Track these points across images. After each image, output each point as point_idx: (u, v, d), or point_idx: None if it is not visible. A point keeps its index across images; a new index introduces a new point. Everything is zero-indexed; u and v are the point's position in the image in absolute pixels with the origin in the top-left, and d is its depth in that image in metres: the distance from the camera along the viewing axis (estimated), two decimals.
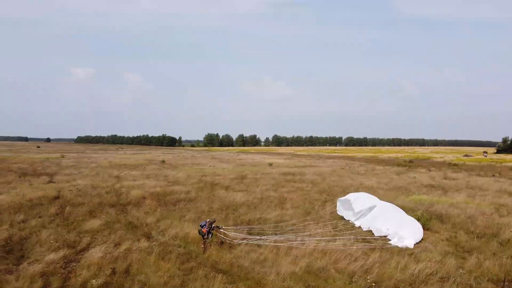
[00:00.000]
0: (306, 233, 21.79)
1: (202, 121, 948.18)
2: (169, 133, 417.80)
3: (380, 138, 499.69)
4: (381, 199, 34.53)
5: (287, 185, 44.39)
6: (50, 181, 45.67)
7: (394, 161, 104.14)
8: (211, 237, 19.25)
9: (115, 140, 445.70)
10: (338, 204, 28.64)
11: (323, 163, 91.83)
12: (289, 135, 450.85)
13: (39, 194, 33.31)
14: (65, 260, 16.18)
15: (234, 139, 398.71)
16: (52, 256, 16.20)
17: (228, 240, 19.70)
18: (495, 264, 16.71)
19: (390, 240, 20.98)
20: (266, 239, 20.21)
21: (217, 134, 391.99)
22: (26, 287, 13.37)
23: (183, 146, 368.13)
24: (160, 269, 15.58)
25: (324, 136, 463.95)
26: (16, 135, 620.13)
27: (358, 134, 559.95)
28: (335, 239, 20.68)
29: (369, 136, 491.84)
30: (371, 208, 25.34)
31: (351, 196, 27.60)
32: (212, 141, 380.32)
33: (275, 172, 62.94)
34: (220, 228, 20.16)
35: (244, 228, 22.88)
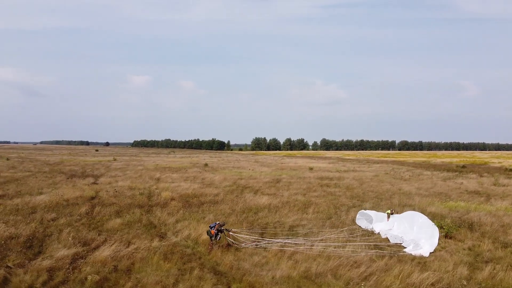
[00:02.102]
0: (318, 238, 21.31)
1: (251, 125, 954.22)
2: (219, 137, 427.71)
3: (436, 142, 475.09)
4: (415, 204, 33.14)
5: (319, 190, 43.64)
6: (93, 183, 48.55)
7: (446, 166, 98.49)
8: (219, 239, 19.45)
9: (168, 144, 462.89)
10: (358, 215, 27.18)
11: (368, 168, 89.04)
12: (338, 139, 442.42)
13: (77, 194, 35.53)
14: (75, 257, 17.14)
15: (282, 143, 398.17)
16: (64, 253, 17.25)
17: (236, 243, 19.77)
18: (510, 276, 15.31)
19: (405, 247, 19.99)
20: (274, 243, 20.04)
21: (265, 138, 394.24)
22: (32, 280, 14.33)
23: (232, 150, 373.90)
24: (160, 269, 16.02)
25: (375, 140, 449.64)
26: (79, 140, 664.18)
27: (413, 138, 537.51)
28: (345, 244, 20.03)
29: (424, 140, 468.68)
30: (389, 215, 24.44)
31: (372, 213, 26.23)
32: (259, 145, 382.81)
33: (312, 176, 62.10)
34: (229, 231, 20.32)
35: (257, 231, 22.87)
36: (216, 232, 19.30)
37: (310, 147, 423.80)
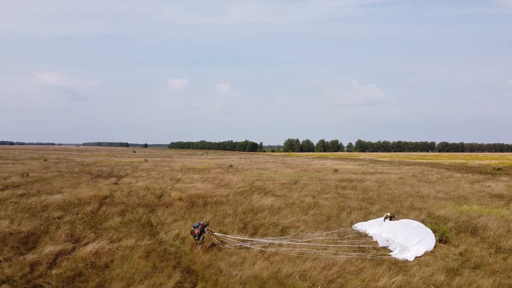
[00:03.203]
0: (304, 239, 21.13)
1: (284, 127, 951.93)
2: (253, 139, 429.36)
3: (479, 143, 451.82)
4: (425, 207, 31.98)
5: (332, 192, 43.03)
6: (115, 183, 50.39)
7: (481, 169, 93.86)
8: (202, 239, 19.75)
9: (203, 146, 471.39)
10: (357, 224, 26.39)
11: (397, 170, 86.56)
12: (375, 140, 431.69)
13: (92, 193, 37.05)
14: (61, 253, 17.97)
15: (315, 144, 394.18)
16: (51, 249, 18.15)
17: (219, 243, 20.00)
18: (489, 284, 14.54)
19: (392, 251, 19.45)
20: (257, 244, 20.09)
21: (297, 139, 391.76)
22: (12, 273, 15.24)
23: (264, 151, 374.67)
24: (136, 266, 16.53)
25: (414, 141, 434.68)
26: (119, 141, 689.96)
27: (454, 139, 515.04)
28: (329, 246, 19.76)
29: (466, 141, 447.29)
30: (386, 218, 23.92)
31: (369, 222, 25.59)
32: (292, 146, 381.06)
33: (333, 178, 61.25)
34: (212, 232, 20.57)
35: (248, 232, 22.98)
36: (199, 232, 19.62)
37: (345, 148, 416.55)
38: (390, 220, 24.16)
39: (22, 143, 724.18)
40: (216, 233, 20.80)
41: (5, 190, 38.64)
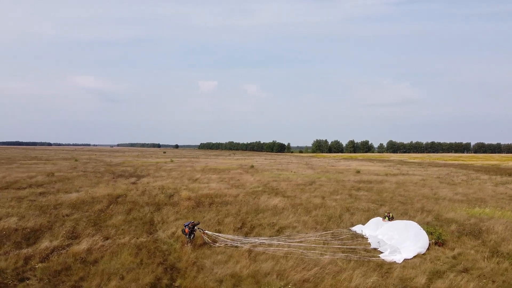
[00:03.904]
0: (297, 240, 21.07)
1: (313, 127, 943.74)
2: (281, 140, 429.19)
3: None
4: (435, 210, 31.10)
5: (345, 193, 42.50)
6: (133, 182, 51.83)
7: None
8: (193, 237, 20.10)
9: (231, 147, 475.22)
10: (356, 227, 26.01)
11: (424, 172, 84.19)
12: (407, 140, 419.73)
13: (106, 192, 38.35)
14: (56, 248, 18.83)
15: (344, 145, 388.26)
16: (46, 244, 19.06)
17: (211, 242, 20.30)
18: (469, 287, 14.06)
19: (382, 252, 19.15)
20: (246, 243, 20.25)
21: (326, 140, 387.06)
22: (6, 266, 16.18)
23: (292, 152, 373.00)
24: (123, 262, 17.13)
25: (448, 142, 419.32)
26: (151, 142, 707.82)
27: (491, 140, 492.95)
28: (317, 246, 19.69)
29: (504, 142, 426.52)
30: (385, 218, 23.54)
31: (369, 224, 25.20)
32: (320, 147, 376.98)
33: (352, 180, 60.37)
34: (203, 231, 20.89)
35: (244, 231, 23.16)
36: (189, 230, 19.98)
37: (376, 149, 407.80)
38: (389, 220, 23.68)
39: (59, 144, 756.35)
40: (207, 232, 21.10)
41: (26, 189, 40.63)
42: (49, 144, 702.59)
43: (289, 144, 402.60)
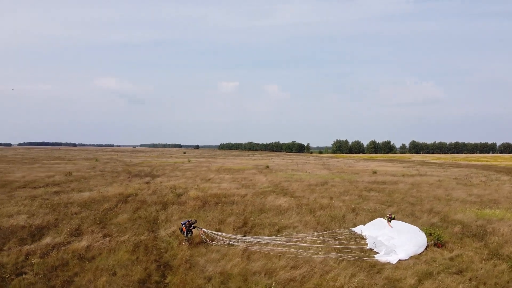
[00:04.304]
0: (294, 240, 21.11)
1: (334, 128, 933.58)
2: (301, 140, 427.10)
3: None
4: (443, 211, 30.52)
5: (355, 193, 42.13)
6: (147, 182, 52.76)
7: None
8: (190, 235, 20.42)
9: (251, 147, 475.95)
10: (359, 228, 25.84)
11: (442, 172, 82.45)
12: (430, 141, 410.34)
13: (118, 192, 39.27)
14: (57, 245, 19.48)
15: (365, 145, 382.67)
16: (48, 241, 19.76)
17: (208, 240, 20.57)
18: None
19: (377, 253, 19.01)
20: (243, 241, 20.44)
21: (346, 140, 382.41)
22: (7, 260, 16.86)
23: (311, 152, 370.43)
24: (119, 259, 17.59)
25: (473, 142, 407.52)
26: (172, 143, 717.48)
27: None
28: (312, 246, 19.68)
29: None
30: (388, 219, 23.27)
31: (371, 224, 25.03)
32: (340, 147, 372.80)
33: (366, 181, 59.72)
34: (200, 229, 21.17)
35: (243, 230, 23.34)
36: (187, 229, 20.30)
37: (397, 150, 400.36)
38: (391, 221, 23.41)
39: (84, 145, 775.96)
40: (204, 230, 21.36)
41: (42, 188, 42.02)
42: (74, 145, 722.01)
43: (308, 144, 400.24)
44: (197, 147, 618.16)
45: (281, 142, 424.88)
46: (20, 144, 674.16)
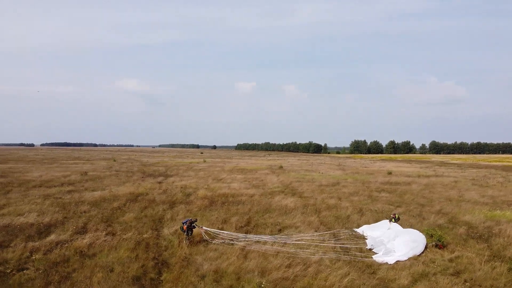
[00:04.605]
0: (294, 239, 21.19)
1: (352, 127, 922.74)
2: (318, 140, 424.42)
3: None
4: (453, 212, 30.04)
5: (365, 194, 41.84)
6: (159, 182, 53.51)
7: None
8: (190, 234, 20.71)
9: (268, 147, 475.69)
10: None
11: (459, 173, 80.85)
12: (451, 141, 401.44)
13: (129, 191, 40.02)
14: (61, 242, 20.07)
15: (384, 146, 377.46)
16: (53, 238, 20.38)
17: (209, 239, 20.83)
18: None
19: (376, 253, 18.90)
20: (243, 240, 20.64)
21: (364, 140, 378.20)
22: (11, 257, 17.47)
23: (329, 153, 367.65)
24: (119, 256, 18.00)
25: (495, 142, 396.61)
26: (190, 143, 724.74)
27: None
28: (310, 245, 19.80)
29: None
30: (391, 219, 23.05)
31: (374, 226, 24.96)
32: (358, 147, 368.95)
33: (379, 181, 59.11)
34: (201, 227, 21.44)
35: (244, 229, 23.54)
36: (187, 227, 20.59)
37: (417, 150, 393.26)
38: (395, 221, 23.20)
39: (104, 145, 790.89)
40: (204, 228, 21.63)
41: (56, 187, 43.15)
42: (95, 145, 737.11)
43: (325, 144, 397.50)
44: (214, 147, 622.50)
45: (298, 143, 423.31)
46: (42, 145, 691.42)
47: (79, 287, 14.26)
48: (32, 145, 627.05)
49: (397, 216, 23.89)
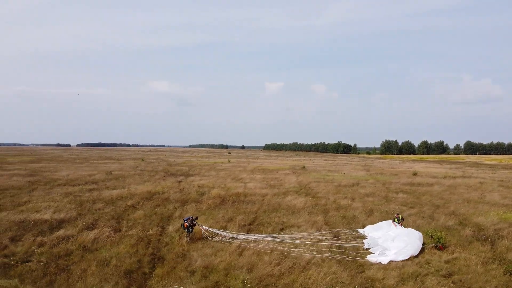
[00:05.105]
0: (292, 238, 21.41)
1: (383, 127, 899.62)
2: (348, 140, 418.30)
3: None
4: (467, 214, 29.20)
5: (381, 195, 41.39)
6: (179, 181, 54.74)
7: None
8: (191, 231, 21.29)
9: (295, 148, 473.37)
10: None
11: (489, 174, 78.08)
12: (487, 141, 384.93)
13: (147, 190, 41.26)
14: (68, 237, 21.15)
15: (416, 146, 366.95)
16: (61, 233, 21.51)
17: (209, 236, 21.36)
18: None
19: (372, 253, 18.87)
20: (241, 238, 21.04)
21: (396, 140, 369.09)
22: (19, 250, 18.63)
23: (358, 153, 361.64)
24: (119, 250, 18.86)
25: None
26: (219, 143, 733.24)
27: None
28: (306, 244, 19.99)
29: None
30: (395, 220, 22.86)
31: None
32: (390, 148, 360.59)
33: (401, 182, 57.93)
34: (201, 226, 21.99)
35: (245, 228, 23.92)
36: (188, 225, 21.18)
37: (451, 151, 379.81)
38: (398, 222, 22.88)
39: (137, 145, 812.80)
40: (204, 226, 22.16)
41: (79, 186, 45.03)
42: (128, 146, 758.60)
43: (355, 145, 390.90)
44: (242, 147, 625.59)
45: (326, 143, 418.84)
46: (78, 145, 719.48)
47: (73, 279, 15.07)
48: (69, 145, 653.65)
49: (400, 216, 23.55)
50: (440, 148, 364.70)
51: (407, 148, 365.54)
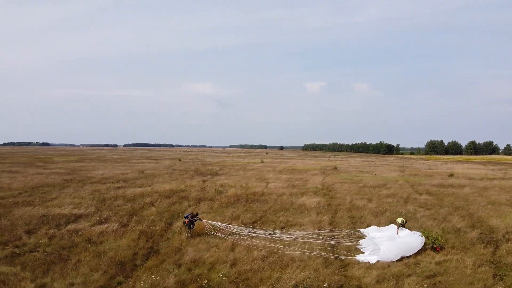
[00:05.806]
0: (285, 234, 21.87)
1: (428, 127, 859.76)
2: (391, 140, 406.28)
3: None
4: (483, 217, 28.07)
5: (403, 196, 40.51)
6: (205, 180, 56.24)
7: None
8: (192, 227, 22.22)
9: (335, 148, 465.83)
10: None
11: None
12: None
13: (169, 188, 42.98)
14: (77, 230, 22.73)
15: (464, 146, 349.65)
16: (72, 227, 23.16)
17: (210, 232, 22.26)
18: None
19: (363, 253, 18.93)
20: (239, 234, 21.83)
21: (441, 141, 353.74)
22: (30, 241, 20.34)
23: (401, 153, 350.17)
24: (121, 243, 20.17)
25: None
26: (258, 144, 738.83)
27: None
28: (298, 241, 20.37)
29: None
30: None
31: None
32: (435, 148, 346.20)
33: (432, 184, 56.07)
34: (201, 220, 22.86)
35: (248, 225, 24.59)
36: (189, 221, 22.11)
37: (501, 151, 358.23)
38: (401, 225, 22.49)
39: (180, 146, 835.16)
40: (204, 220, 23.04)
41: (109, 184, 47.49)
42: (171, 146, 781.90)
43: (398, 145, 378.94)
44: (281, 148, 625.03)
45: (368, 143, 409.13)
46: (125, 145, 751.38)
47: (67, 267, 16.35)
48: (115, 145, 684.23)
49: (404, 220, 23.11)
50: (489, 148, 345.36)
51: (453, 149, 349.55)
